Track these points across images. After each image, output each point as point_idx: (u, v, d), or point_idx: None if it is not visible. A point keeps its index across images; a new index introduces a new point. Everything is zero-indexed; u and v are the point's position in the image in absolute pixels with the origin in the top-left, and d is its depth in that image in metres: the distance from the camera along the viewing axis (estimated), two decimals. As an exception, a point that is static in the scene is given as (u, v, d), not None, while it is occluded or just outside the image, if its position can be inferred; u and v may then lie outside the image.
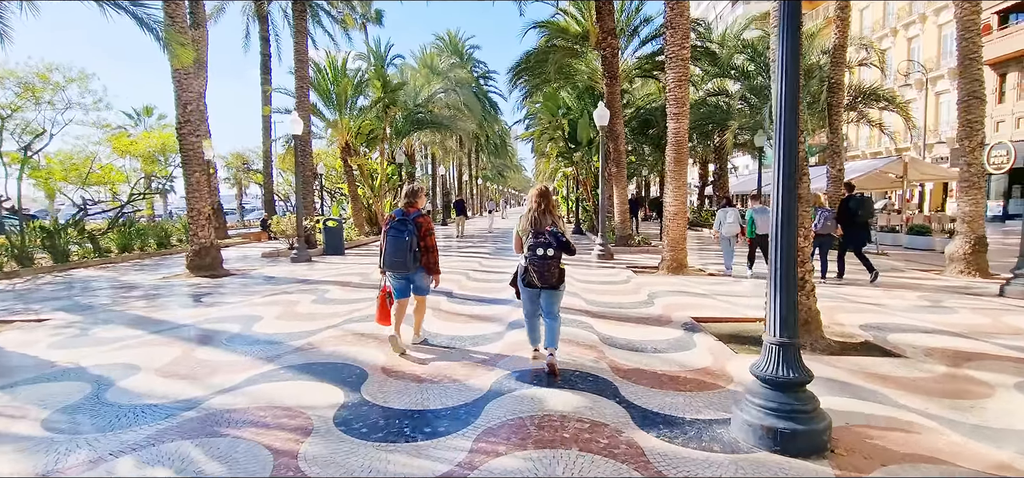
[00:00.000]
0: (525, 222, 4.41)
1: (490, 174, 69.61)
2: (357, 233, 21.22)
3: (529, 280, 4.34)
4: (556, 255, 4.26)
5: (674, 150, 10.39)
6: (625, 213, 15.57)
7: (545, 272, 4.25)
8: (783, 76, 3.22)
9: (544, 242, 4.22)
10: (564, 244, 4.30)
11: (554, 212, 4.47)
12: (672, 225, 10.55)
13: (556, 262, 4.29)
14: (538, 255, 4.21)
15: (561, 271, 4.38)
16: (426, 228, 4.96)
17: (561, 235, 4.29)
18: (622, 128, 15.64)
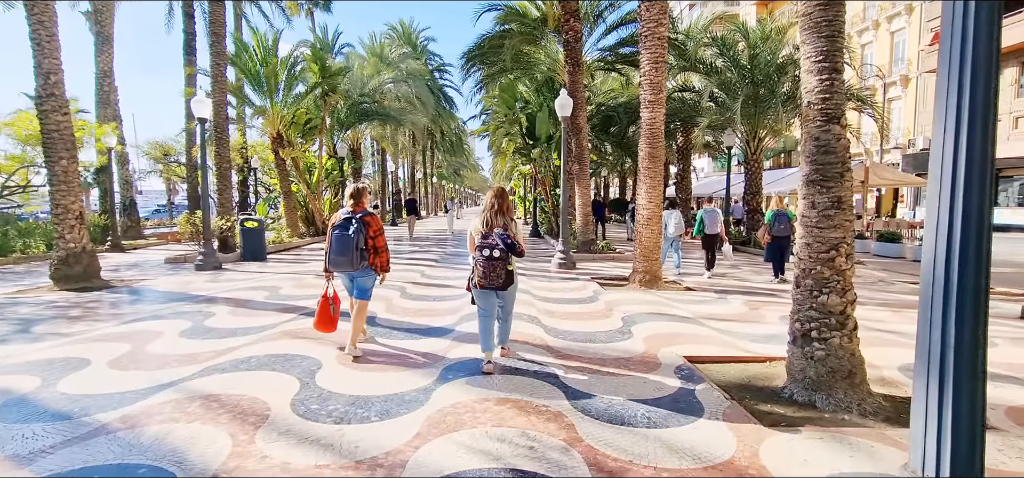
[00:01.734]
0: (478, 221, 4.44)
1: (446, 173, 67.48)
2: (289, 234, 18.91)
3: (477, 280, 4.35)
4: (502, 257, 4.26)
5: (649, 142, 8.91)
6: (588, 215, 14.09)
7: (491, 273, 4.26)
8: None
9: (491, 243, 4.26)
10: (510, 245, 4.30)
11: (509, 213, 4.48)
12: (646, 231, 9.07)
13: (502, 264, 4.27)
14: (484, 256, 4.25)
15: (509, 273, 4.36)
16: (376, 227, 4.85)
17: (508, 237, 4.31)
18: (586, 122, 14.16)
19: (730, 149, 16.14)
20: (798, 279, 4.30)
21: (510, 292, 4.58)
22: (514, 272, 4.46)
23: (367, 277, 4.95)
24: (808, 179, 4.18)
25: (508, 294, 4.58)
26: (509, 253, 4.30)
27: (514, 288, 4.59)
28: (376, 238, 4.84)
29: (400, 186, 43.64)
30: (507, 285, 4.37)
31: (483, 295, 4.46)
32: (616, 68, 19.86)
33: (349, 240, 4.65)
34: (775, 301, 7.93)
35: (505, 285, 4.35)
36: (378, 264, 4.91)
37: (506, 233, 4.34)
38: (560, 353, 5.11)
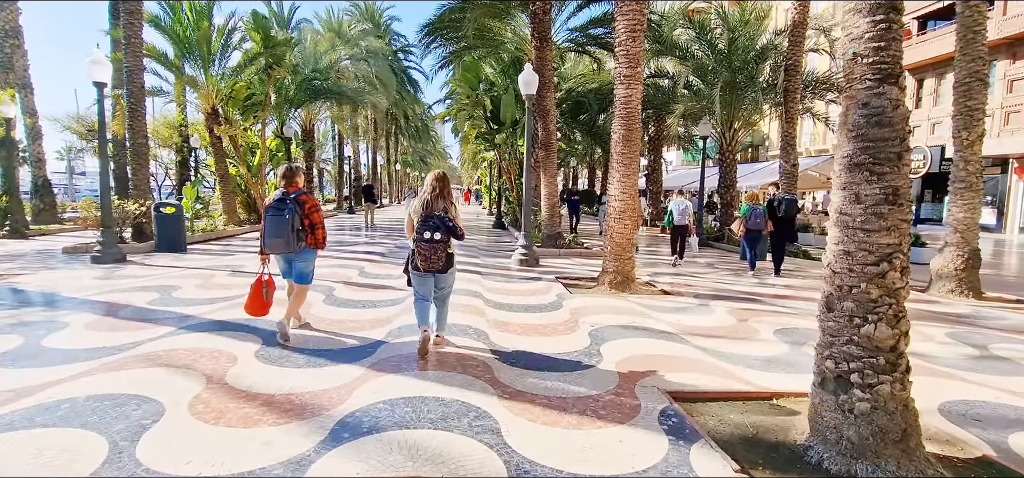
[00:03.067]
0: (417, 204, 4.36)
1: (411, 159, 65.40)
2: (226, 222, 17.08)
3: (416, 263, 4.34)
4: (442, 240, 4.25)
5: (624, 124, 7.71)
6: (555, 206, 12.87)
7: (432, 256, 4.27)
8: None
9: (432, 225, 4.23)
10: (451, 229, 4.28)
11: (449, 197, 4.43)
12: (617, 226, 7.90)
13: (442, 247, 4.28)
14: (425, 238, 4.23)
15: (449, 256, 4.37)
16: (311, 204, 4.78)
17: (449, 220, 4.29)
18: (553, 104, 12.91)
19: (705, 140, 15.19)
20: (830, 300, 3.16)
21: (449, 275, 4.57)
22: (453, 255, 4.46)
23: (306, 260, 4.90)
24: (851, 163, 3.01)
25: (447, 277, 4.58)
26: (449, 236, 4.30)
27: (453, 271, 4.58)
28: (312, 214, 4.77)
29: (362, 172, 41.58)
30: (447, 268, 4.40)
31: (421, 280, 4.45)
32: (587, 50, 18.65)
33: (284, 221, 4.57)
34: (764, 309, 6.87)
35: (445, 268, 4.38)
36: (315, 241, 4.86)
37: (446, 216, 4.30)
38: (509, 391, 3.83)
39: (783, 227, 10.10)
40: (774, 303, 7.34)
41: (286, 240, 4.59)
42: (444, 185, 4.44)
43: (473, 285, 7.94)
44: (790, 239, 10.09)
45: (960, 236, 8.50)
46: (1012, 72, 22.86)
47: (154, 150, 28.63)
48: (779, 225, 10.05)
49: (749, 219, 9.92)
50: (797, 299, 7.71)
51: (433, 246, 4.25)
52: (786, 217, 10.13)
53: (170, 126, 27.13)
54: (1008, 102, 22.94)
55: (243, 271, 8.77)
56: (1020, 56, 22.50)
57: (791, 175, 13.19)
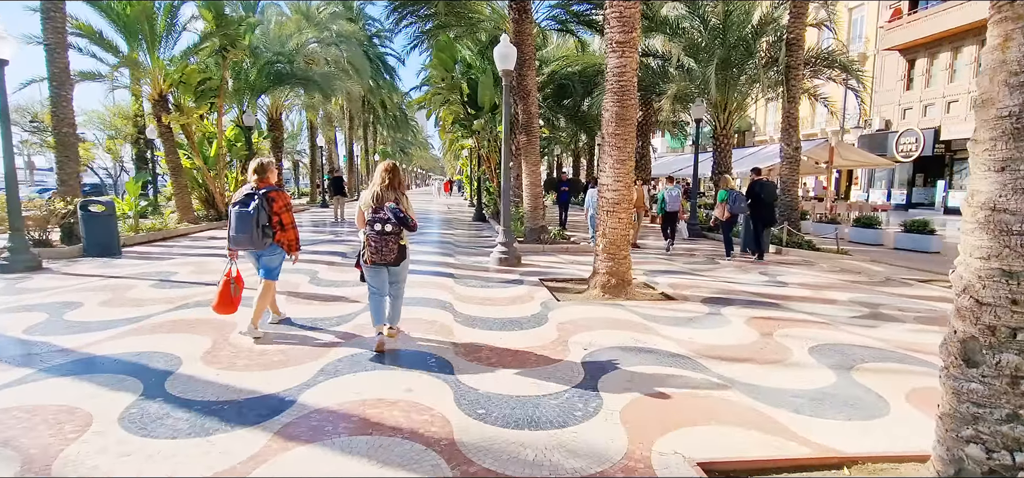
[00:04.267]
0: (367, 196, 4.30)
1: (390, 150, 63.56)
2: (179, 219, 15.58)
3: (367, 256, 4.28)
4: (393, 231, 4.20)
5: (616, 100, 6.52)
6: (538, 198, 11.67)
7: (383, 248, 4.21)
8: None
9: (382, 217, 4.18)
10: (402, 219, 4.20)
11: (401, 188, 4.38)
12: (611, 220, 6.73)
13: (393, 239, 4.22)
14: (376, 230, 4.18)
15: (401, 247, 4.32)
16: (281, 203, 4.68)
17: (400, 211, 4.21)
18: (534, 84, 11.67)
19: (698, 122, 14.09)
20: (972, 348, 2.00)
21: (402, 268, 4.49)
22: (406, 247, 4.42)
23: (273, 256, 4.80)
24: (1016, 125, 1.85)
25: (400, 270, 4.49)
26: (401, 227, 4.24)
27: (406, 263, 4.52)
28: (282, 214, 4.68)
29: (338, 164, 39.89)
30: (399, 261, 4.35)
31: (374, 272, 4.40)
32: (569, 28, 17.41)
33: (249, 217, 4.48)
34: (785, 317, 5.79)
35: (397, 261, 4.33)
36: (285, 241, 4.76)
37: (398, 207, 4.23)
38: (461, 450, 2.65)
39: (765, 211, 10.10)
40: (792, 307, 6.26)
41: (251, 237, 4.49)
42: (394, 176, 4.35)
43: (442, 293, 6.73)
44: (770, 223, 10.29)
45: (995, 224, 7.50)
46: None
47: (110, 143, 26.85)
48: (761, 209, 10.05)
49: (730, 205, 10.17)
50: (817, 301, 6.64)
51: (383, 238, 4.18)
52: (767, 201, 10.17)
53: (125, 117, 25.37)
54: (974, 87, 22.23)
55: (172, 280, 7.43)
56: None
57: (793, 159, 12.18)
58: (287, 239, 4.75)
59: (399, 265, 4.38)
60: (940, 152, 24.83)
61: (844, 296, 6.95)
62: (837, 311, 6.13)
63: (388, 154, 63.88)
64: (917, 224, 12.62)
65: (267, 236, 4.59)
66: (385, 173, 4.33)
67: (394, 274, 4.46)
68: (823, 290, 7.34)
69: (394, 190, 4.30)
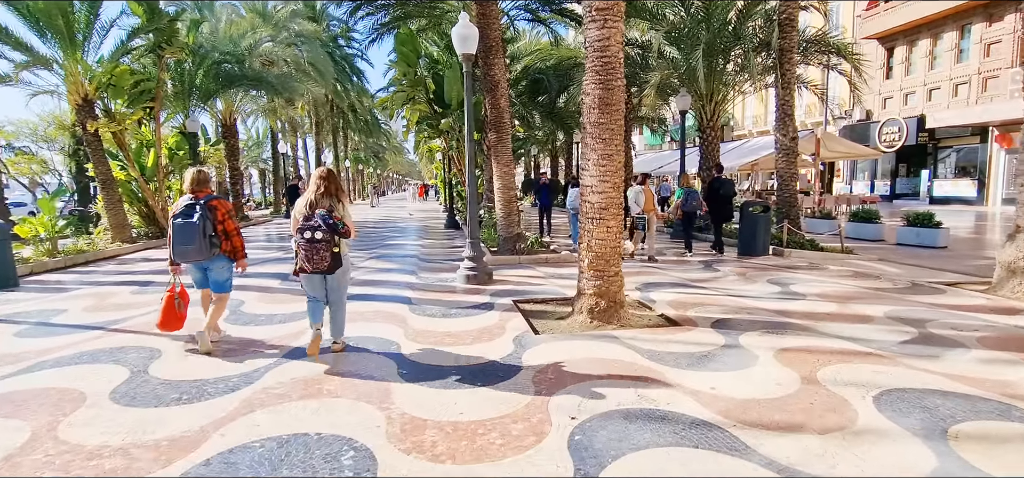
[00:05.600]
0: (301, 204, 4.28)
1: (363, 156, 61.65)
2: (113, 238, 13.86)
3: (299, 265, 4.22)
4: (325, 239, 4.10)
5: (599, 81, 5.25)
6: (511, 202, 10.35)
7: (313, 256, 4.12)
8: None
9: (313, 225, 4.11)
10: (332, 226, 4.13)
11: (337, 194, 4.35)
12: (598, 229, 5.46)
13: (325, 246, 4.12)
14: (306, 238, 4.10)
15: (335, 255, 4.19)
16: (224, 211, 4.61)
17: (330, 218, 4.15)
18: (503, 75, 10.36)
19: (684, 114, 12.97)
20: None
21: (338, 276, 4.39)
22: (342, 255, 4.30)
23: (222, 270, 4.69)
24: None
25: (336, 279, 4.40)
26: (334, 234, 4.13)
27: (343, 272, 4.41)
28: (226, 221, 4.58)
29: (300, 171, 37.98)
30: (334, 269, 4.23)
31: (310, 281, 4.35)
32: (541, 17, 16.19)
33: (194, 227, 4.36)
34: (818, 346, 4.59)
35: (332, 269, 4.21)
36: (230, 249, 4.65)
37: (330, 214, 4.16)
38: None
39: (722, 206, 10.51)
40: (822, 329, 5.07)
41: (198, 247, 4.39)
42: (330, 183, 4.32)
43: (391, 328, 5.36)
44: (726, 218, 10.67)
45: (1040, 217, 6.45)
46: (989, 35, 21.69)
47: (43, 155, 24.72)
48: (719, 206, 10.48)
49: (685, 203, 10.61)
50: (848, 319, 5.47)
51: (314, 246, 4.11)
52: (724, 197, 10.52)
53: (62, 127, 23.27)
54: (986, 67, 21.79)
55: (50, 324, 5.89)
56: (997, 18, 21.33)
57: (790, 150, 11.11)
58: (232, 247, 4.65)
59: (334, 273, 4.28)
60: (923, 141, 24.31)
61: (877, 310, 5.79)
62: (879, 333, 4.95)
63: (361, 159, 62.15)
64: (921, 217, 11.69)
65: (214, 246, 4.51)
66: (320, 180, 4.28)
67: (331, 282, 4.41)
68: (849, 303, 6.18)
69: (330, 197, 4.27)
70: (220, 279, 4.71)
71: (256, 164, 56.22)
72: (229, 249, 4.64)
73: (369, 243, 13.50)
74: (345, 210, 4.35)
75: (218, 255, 4.59)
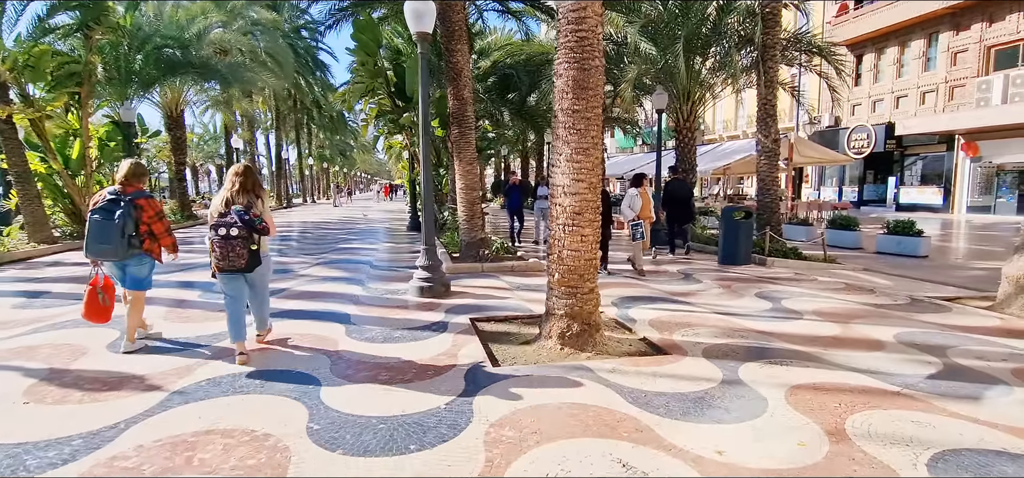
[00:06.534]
0: (217, 201, 4.12)
1: (328, 154, 59.64)
2: (29, 238, 12.32)
3: (215, 263, 4.07)
4: (240, 236, 3.98)
5: (574, 62, 4.37)
6: (474, 204, 9.39)
7: (229, 253, 3.99)
8: None
9: (227, 221, 3.98)
10: (249, 222, 4.01)
11: (255, 191, 4.22)
12: (570, 238, 4.56)
13: (241, 243, 3.99)
14: (220, 235, 3.98)
15: (253, 253, 4.08)
16: (152, 211, 4.32)
17: (246, 214, 4.02)
18: (467, 63, 9.39)
19: (660, 114, 12.26)
20: None
21: (258, 274, 4.30)
22: (262, 253, 4.25)
23: (141, 265, 4.41)
24: None
25: (256, 277, 4.31)
26: (251, 231, 4.03)
27: (263, 270, 4.33)
28: (153, 224, 4.34)
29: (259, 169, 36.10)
30: (252, 267, 4.12)
31: (227, 280, 4.17)
32: (511, 10, 15.32)
33: (112, 226, 4.08)
34: (835, 381, 3.81)
35: (250, 267, 4.10)
36: (157, 250, 4.45)
37: (246, 211, 4.04)
38: None
39: (677, 209, 10.65)
40: (832, 359, 4.30)
41: (115, 248, 4.11)
42: (247, 179, 4.19)
43: (317, 358, 4.34)
44: (684, 220, 10.79)
45: (1052, 229, 5.86)
46: (956, 44, 21.86)
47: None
48: (675, 208, 10.65)
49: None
50: (857, 345, 4.72)
51: (229, 243, 3.96)
52: (680, 199, 10.61)
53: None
54: (953, 76, 21.96)
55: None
56: (964, 27, 21.50)
57: (772, 152, 10.49)
58: (164, 244, 4.48)
59: (253, 271, 4.17)
60: (891, 148, 24.43)
61: (885, 334, 5.07)
62: (898, 364, 4.20)
63: (326, 157, 60.09)
64: (902, 226, 11.28)
65: (133, 247, 4.23)
66: (235, 176, 4.18)
67: (250, 280, 4.29)
68: (852, 324, 5.45)
69: (247, 193, 4.15)
70: (138, 276, 4.40)
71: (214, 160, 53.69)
72: (154, 249, 4.41)
73: (320, 247, 12.34)
74: (264, 207, 4.23)
75: (139, 254, 4.32)
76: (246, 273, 4.15)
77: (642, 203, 8.72)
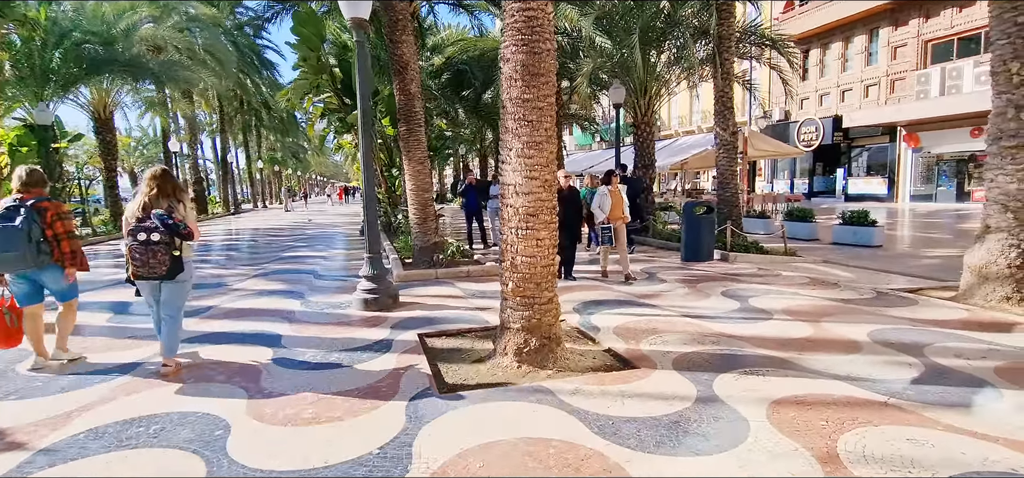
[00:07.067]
0: (134, 206, 3.94)
1: (280, 156, 57.42)
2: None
3: (132, 270, 3.86)
4: (161, 241, 3.80)
5: (522, 44, 3.89)
6: (426, 205, 8.80)
7: (149, 260, 3.80)
8: None
9: (146, 226, 3.80)
10: (171, 227, 3.84)
11: (175, 194, 4.03)
12: (524, 243, 4.07)
13: (161, 249, 3.81)
14: (139, 240, 3.78)
15: (173, 259, 3.88)
16: (54, 212, 4.02)
17: (168, 218, 3.85)
18: (414, 55, 8.78)
19: (618, 108, 11.97)
20: None
21: (177, 284, 4.04)
22: (182, 258, 3.97)
23: (58, 277, 4.13)
24: None
25: (174, 286, 4.04)
26: (173, 236, 3.85)
27: (184, 278, 4.05)
28: (55, 224, 4.02)
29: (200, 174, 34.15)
30: (174, 274, 3.92)
31: (145, 288, 4.03)
32: (463, 4, 14.75)
33: (16, 232, 3.80)
34: (818, 393, 3.48)
35: (172, 274, 3.91)
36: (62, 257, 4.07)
37: (168, 215, 3.86)
38: None
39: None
40: (809, 365, 3.98)
41: (22, 255, 3.82)
42: (164, 182, 3.99)
43: (230, 398, 3.70)
44: (637, 216, 10.51)
45: (1012, 217, 5.77)
46: (895, 39, 22.66)
47: None
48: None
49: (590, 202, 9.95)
50: (832, 348, 4.44)
51: (149, 248, 3.78)
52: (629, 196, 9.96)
53: None
54: (893, 69, 22.75)
55: None
56: (902, 22, 22.29)
57: (731, 145, 10.34)
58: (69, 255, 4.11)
59: (173, 279, 3.95)
60: (838, 140, 25.17)
61: (858, 332, 4.81)
62: (877, 367, 3.91)
63: (278, 160, 57.80)
64: (857, 216, 11.37)
65: (43, 253, 3.95)
66: (152, 180, 3.97)
67: (168, 291, 4.03)
68: (822, 322, 5.18)
69: (167, 197, 3.96)
70: (61, 288, 4.19)
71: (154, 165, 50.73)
72: (64, 259, 4.09)
73: (262, 256, 11.45)
74: (186, 211, 4.05)
75: (50, 264, 4.05)
76: (166, 281, 3.95)
77: (611, 203, 7.85)
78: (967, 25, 20.25)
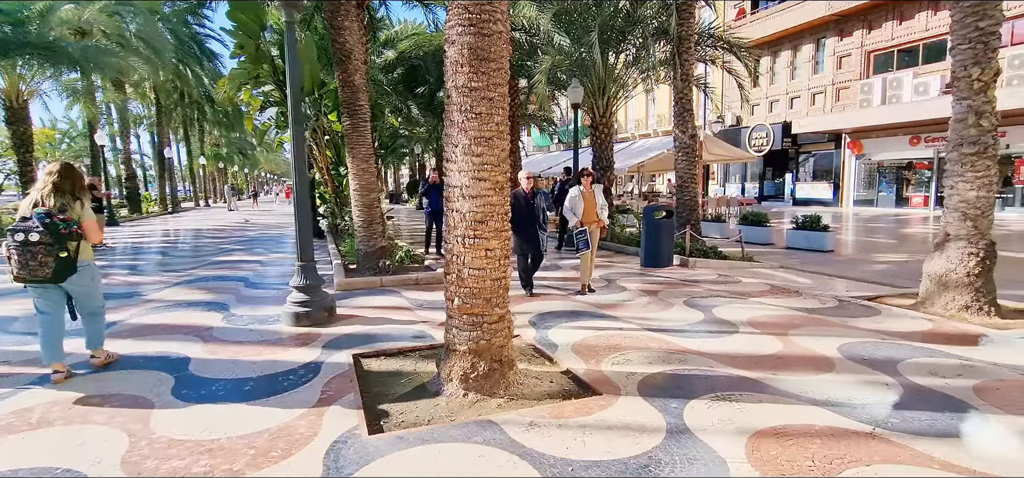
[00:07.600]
0: (27, 203, 3.73)
1: (225, 152, 54.60)
2: None
3: (16, 274, 3.60)
4: (43, 242, 3.55)
5: (470, 23, 3.37)
6: (372, 207, 8.13)
7: (29, 262, 3.55)
8: None
9: (26, 226, 3.55)
10: (50, 226, 3.56)
11: (74, 192, 3.78)
12: (473, 253, 3.55)
13: (44, 250, 3.55)
14: (17, 240, 3.53)
15: (63, 261, 3.63)
16: None
17: (48, 217, 3.59)
18: (359, 44, 8.11)
19: (577, 108, 11.63)
20: None
21: (79, 284, 3.82)
22: (72, 259, 3.70)
23: None
24: None
25: (77, 287, 3.84)
26: (56, 237, 3.58)
27: (84, 280, 3.84)
28: None
29: (133, 169, 31.87)
30: (63, 277, 3.68)
31: (38, 292, 3.75)
32: None
33: None
34: (796, 423, 3.13)
35: (60, 277, 3.66)
36: None
37: (50, 214, 3.60)
38: None
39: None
40: (783, 387, 3.65)
41: None
42: (62, 178, 3.75)
43: (112, 442, 3.00)
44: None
45: (971, 225, 5.69)
46: (841, 49, 23.45)
47: None
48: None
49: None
50: (805, 366, 4.14)
51: (29, 249, 3.52)
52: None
53: None
54: (838, 78, 23.54)
55: None
56: (847, 33, 23.09)
57: (690, 148, 10.15)
58: None
59: (65, 282, 3.72)
60: (787, 146, 25.87)
61: (828, 347, 4.55)
62: (854, 390, 3.61)
63: (222, 156, 54.93)
64: (809, 221, 11.46)
65: None
66: (48, 176, 3.75)
67: (75, 294, 3.87)
68: (790, 336, 4.90)
69: (62, 195, 3.71)
70: None
71: (82, 159, 47.17)
72: None
73: (191, 261, 10.44)
74: (84, 210, 3.84)
75: None
76: (58, 284, 3.72)
77: (585, 206, 6.97)
78: (907, 37, 21.14)
